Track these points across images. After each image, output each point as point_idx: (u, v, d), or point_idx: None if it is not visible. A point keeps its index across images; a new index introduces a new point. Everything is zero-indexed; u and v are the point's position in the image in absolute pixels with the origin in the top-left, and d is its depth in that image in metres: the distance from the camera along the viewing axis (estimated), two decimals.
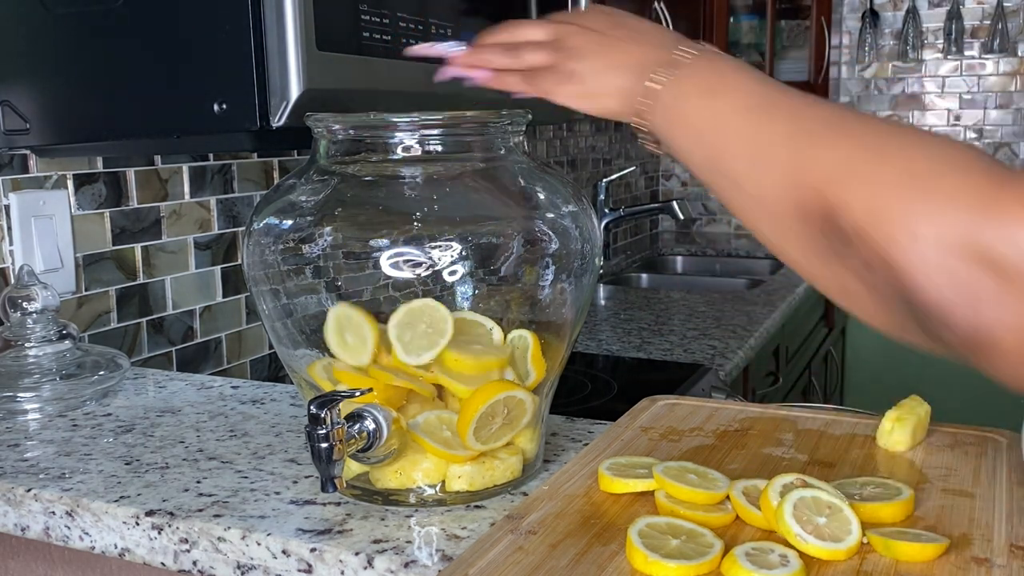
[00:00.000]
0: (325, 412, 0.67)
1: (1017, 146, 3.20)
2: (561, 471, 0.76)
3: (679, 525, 0.64)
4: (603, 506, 0.70)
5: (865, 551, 0.62)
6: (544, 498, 0.71)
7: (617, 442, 0.83)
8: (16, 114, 1.06)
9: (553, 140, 2.69)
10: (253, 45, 0.91)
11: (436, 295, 0.74)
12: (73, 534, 0.79)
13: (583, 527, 0.66)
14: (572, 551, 0.63)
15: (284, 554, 0.70)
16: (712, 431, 0.85)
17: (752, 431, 0.84)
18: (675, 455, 0.79)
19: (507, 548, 0.63)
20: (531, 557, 0.62)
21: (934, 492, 0.71)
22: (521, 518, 0.68)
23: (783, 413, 0.89)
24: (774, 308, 2.15)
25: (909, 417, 0.80)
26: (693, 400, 0.94)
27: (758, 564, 0.58)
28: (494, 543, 0.64)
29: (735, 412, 0.90)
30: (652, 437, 0.83)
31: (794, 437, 0.83)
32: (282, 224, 0.76)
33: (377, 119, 0.75)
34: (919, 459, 0.78)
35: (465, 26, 1.16)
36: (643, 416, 0.89)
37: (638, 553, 0.60)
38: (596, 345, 1.83)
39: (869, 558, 0.61)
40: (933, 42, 3.22)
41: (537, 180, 0.81)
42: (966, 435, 0.83)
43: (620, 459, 0.76)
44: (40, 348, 1.04)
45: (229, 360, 1.49)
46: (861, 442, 0.81)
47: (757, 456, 0.79)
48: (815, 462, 0.77)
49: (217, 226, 1.45)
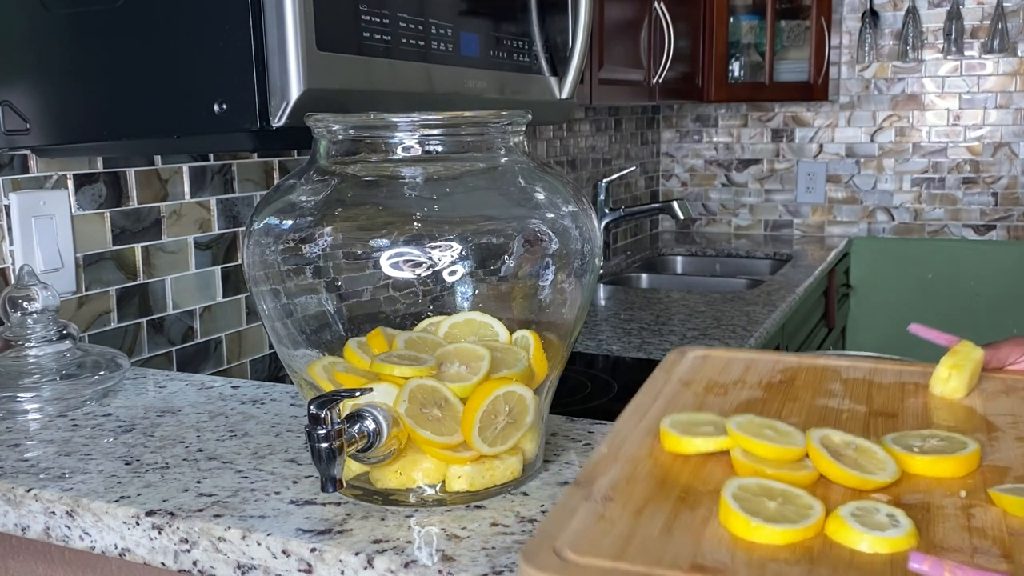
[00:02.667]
0: (325, 412, 0.67)
1: (1017, 146, 3.20)
2: (613, 432, 0.72)
3: (771, 487, 0.60)
4: (674, 467, 0.66)
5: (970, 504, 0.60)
6: (607, 461, 0.67)
7: (661, 398, 0.79)
8: (16, 114, 1.06)
9: (553, 140, 2.69)
10: (253, 45, 0.91)
11: (436, 295, 0.74)
12: (73, 534, 0.79)
13: (661, 491, 0.63)
14: (660, 518, 0.59)
15: (284, 554, 0.70)
16: (756, 383, 0.82)
17: (797, 382, 0.82)
18: (728, 409, 0.75)
19: (589, 517, 0.59)
20: (617, 526, 0.58)
21: (1010, 440, 0.68)
22: (590, 484, 0.64)
23: (822, 362, 0.86)
24: (774, 308, 2.15)
25: (966, 363, 0.77)
26: (724, 351, 0.90)
27: (868, 525, 0.55)
28: (571, 512, 0.60)
29: (772, 362, 0.86)
30: (696, 391, 0.80)
31: (842, 387, 0.80)
32: (282, 224, 0.76)
33: (377, 119, 0.75)
34: (979, 406, 0.75)
35: (465, 26, 1.16)
36: (679, 369, 0.86)
37: (738, 519, 0.56)
38: (596, 345, 1.83)
39: (975, 513, 0.59)
40: (933, 42, 3.22)
41: (537, 180, 0.81)
42: (1015, 379, 0.80)
43: (680, 416, 0.72)
44: (40, 348, 1.04)
45: (229, 360, 1.49)
46: (913, 390, 0.78)
47: (814, 409, 0.75)
48: (875, 413, 0.74)
49: (217, 226, 1.46)
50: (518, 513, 0.74)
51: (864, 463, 0.64)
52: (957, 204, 3.29)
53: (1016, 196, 3.23)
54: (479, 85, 1.20)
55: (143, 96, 0.99)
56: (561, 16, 1.39)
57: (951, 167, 3.28)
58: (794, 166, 3.46)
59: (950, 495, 0.62)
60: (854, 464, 0.63)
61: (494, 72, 1.23)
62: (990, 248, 3.28)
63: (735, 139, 3.53)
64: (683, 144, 3.61)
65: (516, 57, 1.28)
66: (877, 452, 0.65)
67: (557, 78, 1.38)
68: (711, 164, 3.58)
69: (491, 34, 1.23)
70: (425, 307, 0.76)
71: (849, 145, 3.38)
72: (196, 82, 0.95)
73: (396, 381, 0.72)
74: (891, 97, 3.31)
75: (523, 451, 0.78)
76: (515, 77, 1.28)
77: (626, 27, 2.27)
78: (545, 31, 1.34)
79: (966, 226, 3.30)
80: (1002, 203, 3.25)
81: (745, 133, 3.51)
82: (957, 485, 0.63)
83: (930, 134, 3.29)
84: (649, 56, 2.38)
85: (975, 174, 3.26)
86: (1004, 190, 3.24)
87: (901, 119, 3.31)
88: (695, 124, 3.58)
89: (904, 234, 3.36)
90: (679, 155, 3.62)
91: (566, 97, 1.39)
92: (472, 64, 1.18)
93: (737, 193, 3.56)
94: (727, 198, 3.57)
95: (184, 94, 0.96)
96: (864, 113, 3.35)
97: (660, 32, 2.42)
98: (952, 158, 3.28)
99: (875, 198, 3.38)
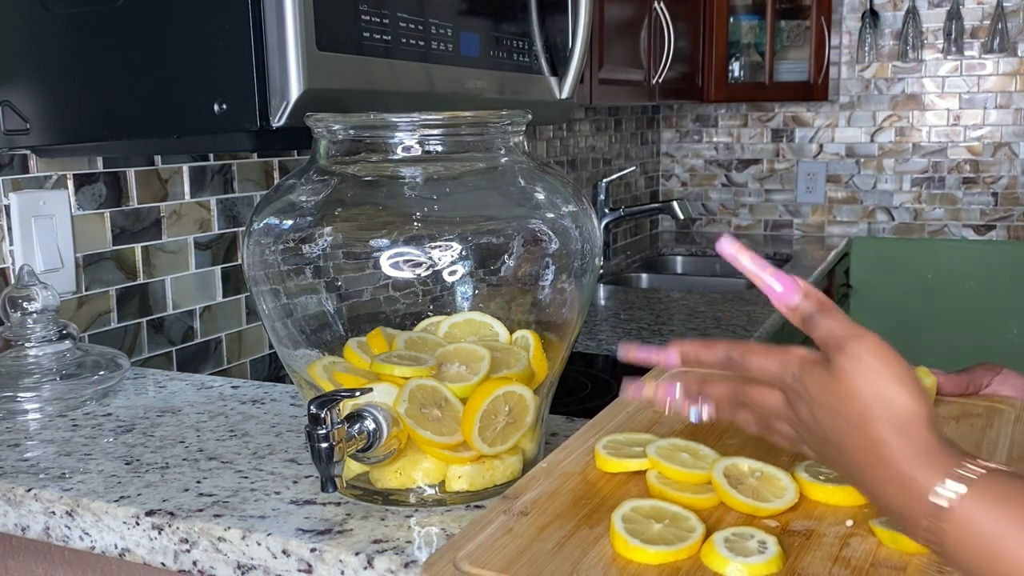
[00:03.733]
0: (325, 412, 0.67)
1: (1017, 146, 3.20)
2: (561, 447, 0.76)
3: (664, 508, 0.64)
4: (597, 485, 0.70)
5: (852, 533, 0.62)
6: (540, 476, 0.71)
7: (622, 415, 0.82)
8: (16, 114, 1.06)
9: (553, 140, 2.69)
10: (253, 45, 0.91)
11: (436, 295, 0.74)
12: (73, 534, 0.79)
13: (574, 508, 0.67)
14: (559, 534, 0.63)
15: (284, 554, 0.70)
16: None
17: None
18: (677, 430, 0.78)
19: (497, 530, 0.63)
20: (518, 540, 0.62)
21: None
22: (516, 498, 0.68)
23: None
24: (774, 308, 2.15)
25: None
26: (703, 370, 0.91)
27: (735, 551, 0.58)
28: (485, 525, 0.64)
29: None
30: (657, 410, 0.81)
31: None
32: (282, 224, 0.76)
33: (377, 119, 0.75)
34: None
35: (465, 26, 1.16)
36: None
37: (619, 538, 0.61)
38: (596, 345, 1.83)
39: (851, 543, 0.61)
40: (933, 42, 3.22)
41: (537, 180, 0.81)
42: (975, 406, 0.82)
43: (618, 436, 0.76)
44: (40, 348, 1.04)
45: (229, 360, 1.49)
46: None
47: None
48: None
49: (217, 226, 1.45)
50: None
51: (763, 490, 0.67)
52: (957, 204, 3.29)
53: (1016, 196, 3.23)
54: (479, 85, 1.20)
55: (143, 96, 0.99)
56: (561, 16, 1.39)
57: (951, 167, 3.28)
58: (794, 166, 3.46)
59: (837, 523, 0.64)
60: (751, 492, 0.67)
61: (494, 72, 1.23)
62: (990, 248, 3.28)
63: (735, 139, 3.53)
64: (683, 144, 3.60)
65: (516, 57, 1.28)
66: (781, 479, 0.68)
67: (557, 78, 1.38)
68: (711, 164, 3.58)
69: (491, 34, 1.23)
70: (425, 307, 0.76)
71: (849, 145, 3.38)
72: (196, 82, 0.95)
73: (396, 381, 0.72)
74: (891, 97, 3.31)
75: (523, 451, 0.78)
76: (515, 77, 1.28)
77: (626, 27, 2.27)
78: (545, 31, 1.34)
79: (966, 226, 3.29)
80: (1002, 203, 3.25)
81: (745, 133, 3.51)
82: (849, 514, 0.65)
83: (930, 134, 3.29)
84: (649, 56, 2.38)
85: (975, 174, 3.26)
86: (1004, 190, 3.24)
87: (901, 119, 3.31)
88: (695, 124, 3.58)
89: (904, 234, 3.36)
90: (679, 155, 3.62)
91: (566, 97, 1.39)
92: (472, 64, 1.18)
93: (737, 193, 3.56)
94: (727, 198, 3.57)
95: (184, 94, 0.96)
96: (864, 113, 3.35)
97: (660, 32, 2.42)
98: (952, 158, 3.28)
99: (875, 198, 3.38)
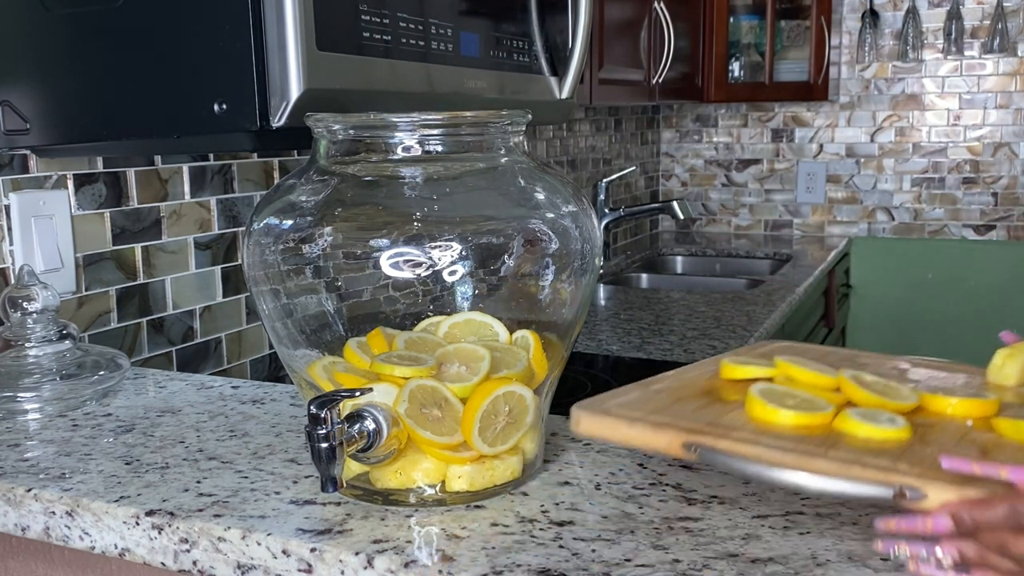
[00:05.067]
0: (325, 412, 0.67)
1: (1017, 146, 3.20)
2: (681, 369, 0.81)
3: (796, 392, 0.69)
4: (722, 386, 0.76)
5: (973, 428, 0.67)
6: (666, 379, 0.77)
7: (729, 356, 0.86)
8: (16, 114, 1.06)
9: (553, 140, 2.69)
10: (253, 45, 0.91)
11: (436, 295, 0.74)
12: (73, 534, 0.79)
13: (705, 394, 0.73)
14: (696, 403, 0.70)
15: (284, 554, 0.70)
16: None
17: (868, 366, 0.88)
18: None
19: (638, 397, 0.71)
20: (660, 400, 0.70)
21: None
22: (648, 385, 0.74)
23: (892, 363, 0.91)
24: (774, 308, 2.15)
25: (1019, 354, 0.82)
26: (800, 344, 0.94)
27: (869, 419, 0.64)
28: (626, 393, 0.71)
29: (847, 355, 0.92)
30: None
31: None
32: (282, 224, 0.76)
33: (377, 119, 0.75)
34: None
35: (465, 26, 1.16)
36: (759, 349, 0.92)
37: (757, 402, 0.66)
38: (596, 345, 1.83)
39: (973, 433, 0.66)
40: (933, 42, 3.22)
41: (537, 180, 0.81)
42: None
43: (740, 356, 0.81)
44: (40, 348, 1.04)
45: (229, 360, 1.49)
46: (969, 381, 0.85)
47: None
48: None
49: (217, 226, 1.46)
50: (518, 513, 0.74)
51: (888, 392, 0.72)
52: (957, 204, 3.29)
53: (1016, 196, 3.23)
54: (479, 85, 1.20)
55: (143, 96, 0.99)
56: (561, 16, 1.39)
57: (951, 167, 3.28)
58: (794, 166, 3.46)
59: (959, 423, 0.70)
60: (879, 390, 0.72)
61: (494, 72, 1.23)
62: (990, 248, 3.28)
63: (735, 139, 3.53)
64: (683, 144, 3.60)
65: (516, 57, 1.28)
66: (902, 389, 0.73)
67: (557, 78, 1.38)
68: (711, 164, 3.58)
69: (491, 34, 1.23)
70: (425, 307, 0.77)
71: (849, 145, 3.38)
72: (196, 82, 0.95)
73: (396, 381, 0.72)
74: (891, 97, 3.31)
75: (523, 451, 0.78)
76: (515, 77, 1.28)
77: (626, 27, 2.27)
78: (545, 31, 1.34)
79: (966, 226, 3.29)
80: (1002, 203, 3.25)
81: (745, 133, 3.51)
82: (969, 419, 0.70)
83: (930, 134, 3.29)
84: (649, 56, 2.38)
85: (975, 174, 3.26)
86: (1004, 190, 3.24)
87: (901, 119, 3.31)
88: (695, 124, 3.58)
89: (904, 234, 3.36)
90: (679, 155, 3.62)
91: (566, 97, 1.39)
92: (472, 64, 1.18)
93: (737, 193, 3.56)
94: (727, 198, 3.57)
95: (184, 94, 0.96)
96: (864, 113, 3.35)
97: (660, 32, 2.42)
98: (952, 158, 3.28)
99: (875, 198, 3.38)
